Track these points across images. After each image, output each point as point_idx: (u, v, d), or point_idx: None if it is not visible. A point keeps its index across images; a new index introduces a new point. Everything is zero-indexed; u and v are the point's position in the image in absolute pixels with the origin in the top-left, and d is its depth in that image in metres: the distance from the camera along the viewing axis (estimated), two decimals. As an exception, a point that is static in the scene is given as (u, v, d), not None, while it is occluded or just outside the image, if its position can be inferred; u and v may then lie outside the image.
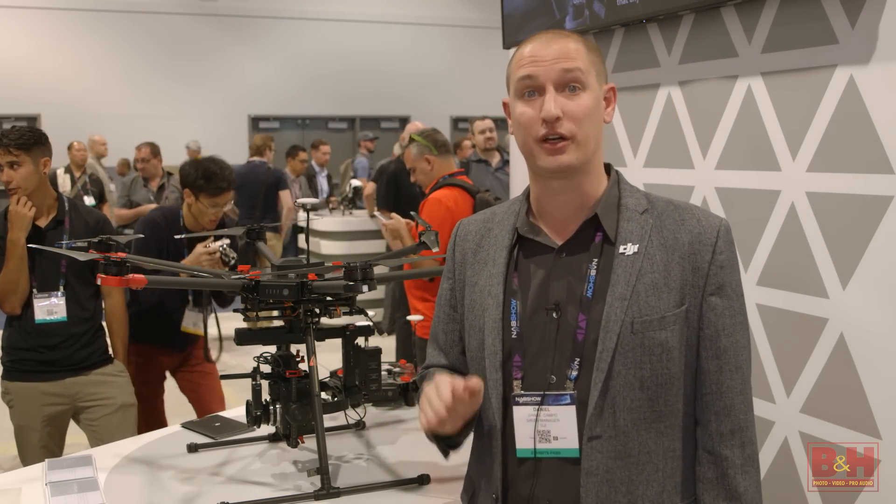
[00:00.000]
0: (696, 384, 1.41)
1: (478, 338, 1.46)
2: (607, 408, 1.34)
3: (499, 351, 1.42)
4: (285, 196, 7.31)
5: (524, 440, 1.39)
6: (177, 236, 3.23)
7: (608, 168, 1.48)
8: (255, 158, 7.63)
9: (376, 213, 3.99)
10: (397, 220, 3.60)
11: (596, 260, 1.39)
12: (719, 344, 1.38)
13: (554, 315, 1.39)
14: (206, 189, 3.25)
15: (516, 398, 1.40)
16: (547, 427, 1.37)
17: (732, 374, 1.39)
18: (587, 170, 1.40)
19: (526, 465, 1.41)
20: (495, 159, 5.58)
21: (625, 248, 1.37)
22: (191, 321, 3.40)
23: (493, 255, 1.48)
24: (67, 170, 8.00)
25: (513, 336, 1.42)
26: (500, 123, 9.38)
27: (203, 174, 3.26)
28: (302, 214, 6.88)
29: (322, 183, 8.98)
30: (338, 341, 2.18)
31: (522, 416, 1.39)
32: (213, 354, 3.49)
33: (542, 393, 1.38)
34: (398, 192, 5.46)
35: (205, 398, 3.50)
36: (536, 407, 1.38)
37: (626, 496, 1.36)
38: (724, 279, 1.38)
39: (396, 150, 7.84)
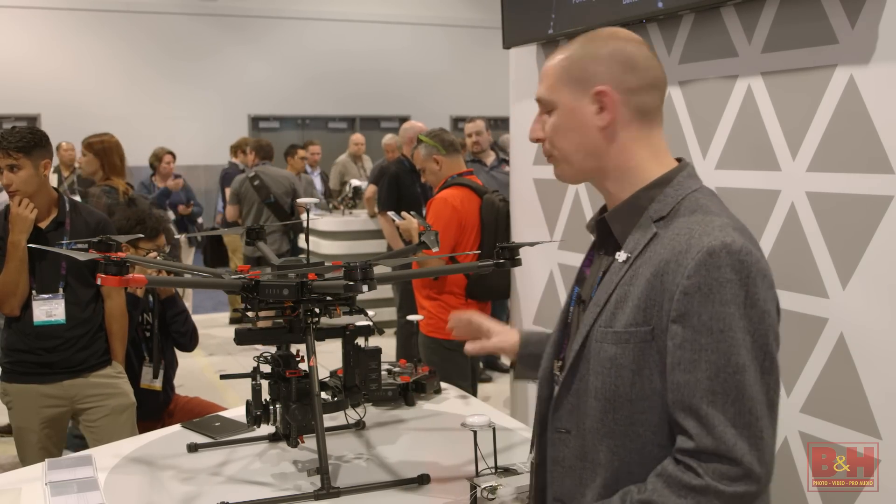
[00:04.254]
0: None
1: None
2: (576, 406, 1.37)
3: (557, 330, 1.51)
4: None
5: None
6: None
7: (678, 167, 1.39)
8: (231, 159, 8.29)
9: (390, 213, 3.99)
10: (409, 220, 3.61)
11: (608, 262, 1.41)
12: (674, 378, 1.23)
13: (580, 309, 1.44)
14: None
15: (554, 376, 1.47)
16: None
17: (685, 418, 1.22)
18: (608, 177, 1.38)
19: None
20: (490, 159, 5.59)
21: (619, 255, 1.35)
22: (148, 378, 3.45)
23: None
24: (56, 169, 8.02)
25: (568, 321, 1.48)
26: (501, 124, 9.39)
27: (136, 220, 3.47)
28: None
29: (316, 182, 8.98)
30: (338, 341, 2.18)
31: (555, 395, 1.44)
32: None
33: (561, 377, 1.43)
34: (399, 193, 5.45)
35: (205, 409, 3.53)
36: (558, 388, 1.43)
37: (580, 495, 1.37)
38: (688, 307, 1.21)
39: (389, 139, 7.81)
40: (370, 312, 2.26)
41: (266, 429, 2.21)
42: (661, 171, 1.36)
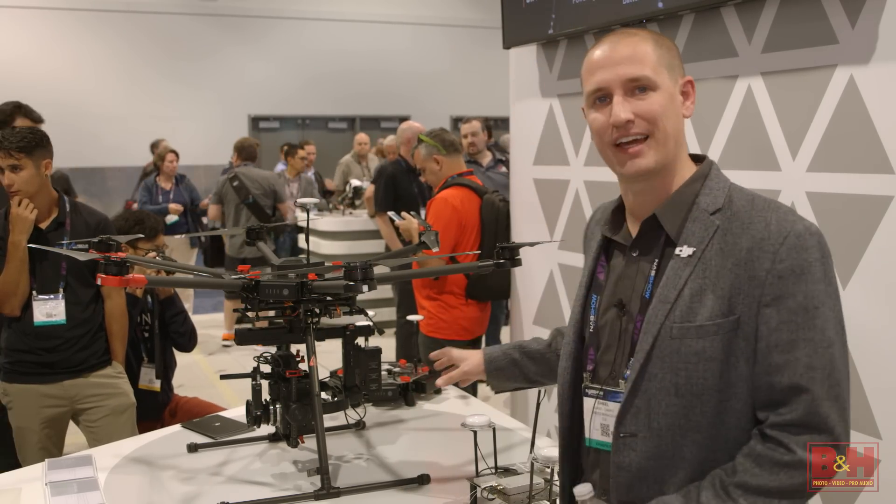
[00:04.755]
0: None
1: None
2: (643, 408, 1.34)
3: (571, 342, 1.49)
4: None
5: (588, 430, 1.45)
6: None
7: (703, 162, 1.42)
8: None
9: (390, 214, 4.00)
10: (409, 220, 3.61)
11: (657, 260, 1.38)
12: (771, 360, 1.26)
13: (620, 313, 1.41)
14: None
15: (586, 389, 1.46)
16: (606, 421, 1.41)
17: (783, 395, 1.26)
18: (670, 169, 1.37)
19: (591, 454, 1.46)
20: (486, 159, 5.60)
21: (680, 250, 1.34)
22: (147, 378, 3.45)
23: (592, 247, 1.54)
24: None
25: (590, 330, 1.46)
26: (501, 124, 9.39)
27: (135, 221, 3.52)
28: (301, 214, 6.88)
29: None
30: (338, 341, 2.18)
31: (588, 407, 1.44)
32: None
33: (602, 388, 1.43)
34: (396, 193, 5.46)
35: (204, 409, 3.53)
36: (596, 400, 1.43)
37: (658, 493, 1.35)
38: (783, 290, 1.25)
39: (390, 141, 7.82)
40: (370, 312, 2.26)
41: (266, 429, 2.21)
42: (691, 165, 1.40)
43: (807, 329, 1.25)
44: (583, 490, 1.36)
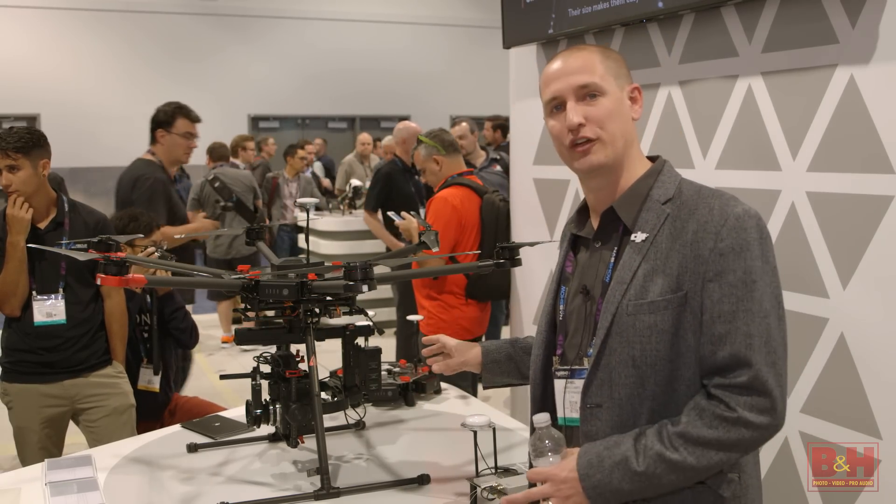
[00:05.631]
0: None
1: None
2: (606, 380, 1.45)
3: (543, 331, 1.61)
4: None
5: (559, 409, 1.56)
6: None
7: (656, 160, 1.55)
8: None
9: (390, 213, 4.00)
10: (409, 220, 3.61)
11: (616, 248, 1.51)
12: (714, 330, 1.39)
13: (585, 299, 1.53)
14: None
15: (555, 372, 1.57)
16: (574, 398, 1.52)
17: (726, 360, 1.38)
18: (621, 165, 1.50)
19: (564, 432, 1.54)
20: (479, 159, 5.60)
21: (635, 237, 1.47)
22: (146, 378, 3.45)
23: (561, 245, 1.67)
24: None
25: (560, 318, 1.59)
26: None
27: (130, 218, 3.52)
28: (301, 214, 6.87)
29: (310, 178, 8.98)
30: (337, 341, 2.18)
31: (559, 388, 1.56)
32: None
33: (569, 368, 1.54)
34: (393, 193, 5.47)
35: (204, 409, 3.53)
36: (565, 380, 1.54)
37: None
38: (724, 266, 1.38)
39: (388, 141, 7.81)
40: (370, 312, 2.26)
41: (266, 429, 2.21)
42: (646, 163, 1.54)
43: (746, 301, 1.37)
44: (541, 418, 1.47)
